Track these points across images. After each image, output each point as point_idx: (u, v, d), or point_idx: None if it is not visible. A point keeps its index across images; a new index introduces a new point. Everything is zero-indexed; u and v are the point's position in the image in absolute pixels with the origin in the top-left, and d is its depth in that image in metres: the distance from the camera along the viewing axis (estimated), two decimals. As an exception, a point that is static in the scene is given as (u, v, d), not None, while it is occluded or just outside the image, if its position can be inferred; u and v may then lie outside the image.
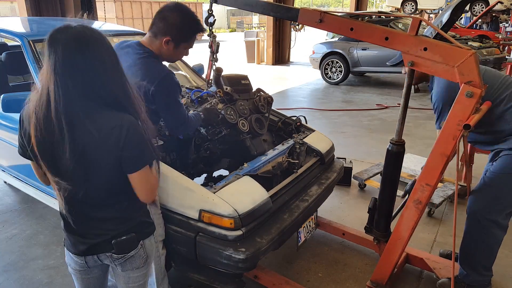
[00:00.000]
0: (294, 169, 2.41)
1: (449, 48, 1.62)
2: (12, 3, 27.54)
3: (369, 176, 3.68)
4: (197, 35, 1.86)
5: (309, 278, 2.47)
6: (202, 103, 2.43)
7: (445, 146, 1.70)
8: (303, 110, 6.77)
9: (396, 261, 2.09)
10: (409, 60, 1.73)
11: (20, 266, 2.61)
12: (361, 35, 1.84)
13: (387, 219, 2.20)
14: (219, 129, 2.27)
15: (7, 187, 3.75)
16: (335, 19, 1.88)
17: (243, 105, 2.47)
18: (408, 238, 1.99)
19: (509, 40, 9.39)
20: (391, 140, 2.02)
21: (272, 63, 12.83)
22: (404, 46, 1.73)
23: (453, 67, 1.61)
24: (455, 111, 1.64)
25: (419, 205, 1.87)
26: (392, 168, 2.07)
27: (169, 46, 1.77)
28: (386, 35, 1.76)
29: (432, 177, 1.79)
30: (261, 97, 2.65)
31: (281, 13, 2.07)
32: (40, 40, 2.74)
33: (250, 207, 1.91)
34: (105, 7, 18.64)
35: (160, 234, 1.92)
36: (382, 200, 2.16)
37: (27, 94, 2.36)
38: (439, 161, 1.74)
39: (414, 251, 2.52)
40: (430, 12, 18.94)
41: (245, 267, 1.84)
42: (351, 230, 2.76)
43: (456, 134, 1.64)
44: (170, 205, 1.96)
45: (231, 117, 2.31)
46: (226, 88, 2.47)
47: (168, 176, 1.98)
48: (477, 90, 1.55)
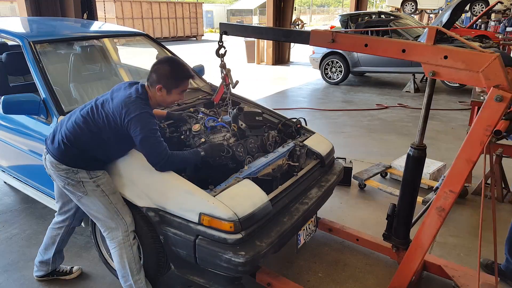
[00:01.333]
0: (294, 172, 2.41)
1: (471, 54, 1.58)
2: (12, 3, 27.52)
3: (369, 176, 3.68)
4: (187, 80, 2.07)
5: (309, 278, 2.48)
6: (214, 133, 2.44)
7: (471, 151, 1.65)
8: (303, 110, 6.77)
9: (416, 269, 2.02)
10: (430, 70, 1.70)
11: (20, 266, 2.61)
12: (377, 50, 1.81)
13: (406, 226, 2.15)
14: (226, 162, 2.29)
15: (7, 187, 3.75)
16: (347, 37, 1.87)
17: (252, 143, 2.51)
18: (428, 246, 1.93)
19: (509, 40, 9.39)
20: (412, 145, 1.98)
21: (272, 63, 12.82)
22: (423, 56, 1.70)
23: (477, 72, 1.56)
24: (483, 115, 1.59)
25: (442, 212, 1.82)
26: (412, 174, 2.01)
27: (162, 93, 1.99)
28: (403, 47, 1.73)
29: (457, 183, 1.73)
30: (269, 135, 2.67)
31: (293, 37, 2.10)
32: (40, 41, 2.74)
33: (250, 210, 1.91)
34: (105, 7, 18.72)
35: (129, 224, 2.08)
36: (402, 206, 2.11)
37: (28, 96, 2.39)
38: (465, 167, 1.69)
39: (431, 257, 2.44)
40: (430, 12, 18.94)
41: (245, 271, 1.84)
42: (366, 236, 2.70)
43: (483, 140, 1.59)
44: (170, 208, 1.96)
45: (240, 154, 2.36)
46: (241, 125, 2.55)
47: (168, 179, 1.99)
48: (507, 94, 1.50)
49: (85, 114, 2.00)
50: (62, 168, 2.01)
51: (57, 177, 2.05)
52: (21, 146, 2.73)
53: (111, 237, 2.09)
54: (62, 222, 2.36)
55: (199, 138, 2.36)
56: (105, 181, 2.06)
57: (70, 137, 1.98)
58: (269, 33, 2.18)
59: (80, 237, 2.92)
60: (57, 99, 2.44)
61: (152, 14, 22.35)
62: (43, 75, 2.49)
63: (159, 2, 22.74)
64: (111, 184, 2.09)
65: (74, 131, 1.98)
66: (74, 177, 2.01)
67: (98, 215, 2.07)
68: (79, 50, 3.32)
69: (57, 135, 2.04)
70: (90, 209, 2.08)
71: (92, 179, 2.02)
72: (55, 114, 2.40)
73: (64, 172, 2.01)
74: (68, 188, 2.05)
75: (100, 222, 2.09)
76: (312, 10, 45.03)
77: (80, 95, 2.91)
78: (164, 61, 2.03)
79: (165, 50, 3.57)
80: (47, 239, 2.39)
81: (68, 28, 3.45)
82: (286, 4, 12.47)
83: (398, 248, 2.24)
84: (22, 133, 2.67)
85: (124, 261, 2.09)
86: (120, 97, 1.95)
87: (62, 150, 1.99)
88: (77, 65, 3.19)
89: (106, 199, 2.04)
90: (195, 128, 2.39)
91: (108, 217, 2.06)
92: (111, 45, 3.72)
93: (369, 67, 8.86)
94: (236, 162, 2.33)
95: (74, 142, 1.98)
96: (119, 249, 2.09)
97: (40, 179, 2.76)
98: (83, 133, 1.97)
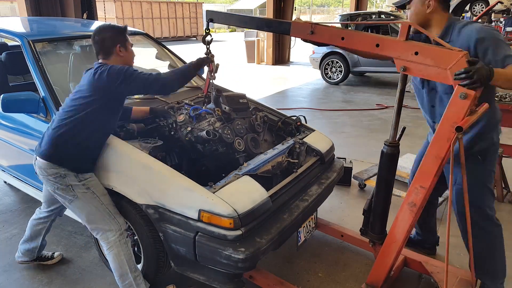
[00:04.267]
0: (294, 169, 2.41)
1: (440, 51, 1.61)
2: (12, 3, 27.55)
3: (369, 176, 3.68)
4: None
5: (309, 278, 2.47)
6: (200, 120, 2.47)
7: (439, 148, 1.69)
8: (303, 110, 6.77)
9: (392, 264, 2.06)
10: (401, 65, 1.73)
11: (20, 266, 2.60)
12: (352, 44, 1.85)
13: (382, 222, 2.17)
14: (215, 146, 2.31)
15: (7, 187, 3.75)
16: (325, 30, 1.89)
17: (240, 125, 2.55)
18: (403, 241, 1.96)
19: (509, 40, 9.39)
20: (385, 142, 2.00)
21: (272, 63, 12.83)
22: (395, 51, 1.73)
23: (445, 69, 1.60)
24: (449, 113, 1.63)
25: (413, 207, 1.85)
26: (386, 170, 2.04)
27: (122, 52, 2.10)
28: (377, 41, 1.76)
29: (427, 179, 1.77)
30: (257, 116, 2.73)
31: (274, 27, 2.11)
32: (40, 40, 2.74)
33: (250, 207, 1.91)
34: (105, 7, 18.72)
35: (122, 223, 2.12)
36: (377, 202, 2.13)
37: (27, 94, 2.39)
38: (434, 164, 1.72)
39: (413, 254, 2.48)
40: (430, 12, 18.92)
41: (245, 267, 1.84)
42: (350, 232, 2.74)
43: (450, 136, 1.62)
44: (169, 205, 1.96)
45: (228, 136, 2.38)
46: (225, 108, 2.56)
47: (167, 176, 1.99)
48: (471, 92, 1.54)
49: (65, 107, 2.04)
50: (50, 172, 2.01)
51: (46, 182, 2.07)
52: (21, 145, 2.73)
53: (105, 238, 2.09)
54: (47, 218, 2.46)
55: (185, 128, 2.37)
56: (94, 183, 2.07)
57: (59, 132, 2.00)
58: (252, 22, 2.20)
59: (80, 237, 2.92)
60: (56, 97, 2.44)
61: (152, 14, 22.38)
62: (42, 74, 2.49)
63: (159, 2, 22.77)
64: (100, 185, 2.10)
65: (60, 125, 2.00)
66: (62, 182, 2.02)
67: (89, 218, 2.08)
68: (79, 50, 3.32)
69: (45, 137, 2.05)
70: (81, 212, 2.08)
71: (81, 182, 2.03)
72: (54, 113, 2.40)
73: (52, 177, 2.02)
74: (58, 193, 2.06)
75: (91, 225, 2.10)
76: (312, 10, 45.04)
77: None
78: (99, 30, 2.09)
79: (165, 50, 3.57)
80: (32, 232, 2.49)
81: (67, 28, 3.45)
82: (286, 4, 12.48)
83: (374, 243, 2.26)
84: (22, 132, 2.68)
85: (122, 259, 2.09)
86: (86, 76, 2.03)
87: (52, 148, 2.00)
88: (77, 64, 3.19)
89: (97, 201, 2.05)
90: (180, 118, 2.40)
91: (100, 219, 2.06)
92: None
93: (369, 67, 8.86)
94: (226, 145, 2.34)
95: (64, 135, 2.00)
96: (115, 248, 2.08)
97: (40, 178, 2.76)
98: (69, 122, 1.99)
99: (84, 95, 1.99)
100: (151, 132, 2.42)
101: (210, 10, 2.33)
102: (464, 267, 2.44)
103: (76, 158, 2.03)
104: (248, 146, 2.45)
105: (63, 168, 2.01)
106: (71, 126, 1.99)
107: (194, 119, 2.46)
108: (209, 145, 2.29)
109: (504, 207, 3.34)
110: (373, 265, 2.13)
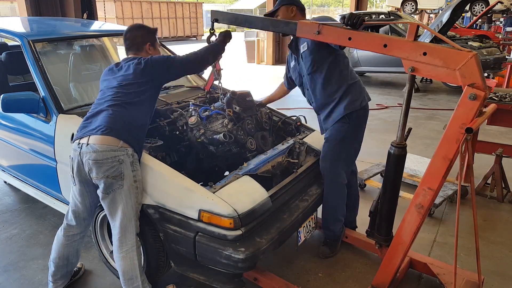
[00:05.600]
0: (294, 169, 2.41)
1: (449, 52, 1.60)
2: (12, 3, 27.55)
3: (369, 176, 3.68)
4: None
5: (309, 278, 2.47)
6: (211, 122, 2.46)
7: (448, 149, 1.67)
8: (303, 110, 6.74)
9: (398, 266, 2.04)
10: (409, 66, 1.71)
11: (20, 266, 2.60)
12: (360, 44, 1.84)
13: (388, 223, 2.16)
14: (229, 147, 2.34)
15: (7, 187, 3.75)
16: (333, 30, 1.88)
17: (250, 124, 2.59)
18: (410, 243, 1.95)
19: (509, 40, 9.39)
20: (392, 143, 1.98)
21: (272, 63, 12.84)
22: (403, 52, 1.72)
23: (454, 70, 1.58)
24: (458, 113, 1.60)
25: (421, 209, 1.83)
26: (393, 171, 2.03)
27: (151, 50, 2.27)
28: (385, 42, 1.75)
29: (435, 181, 1.75)
30: (262, 113, 2.77)
31: (280, 28, 2.11)
32: (40, 40, 2.74)
33: (250, 206, 1.91)
34: (105, 7, 18.70)
35: (137, 226, 2.04)
36: (383, 203, 2.12)
37: (27, 94, 2.39)
38: (442, 165, 1.70)
39: (418, 255, 2.45)
40: (430, 12, 18.94)
41: (245, 267, 1.84)
42: (354, 234, 2.73)
43: (459, 138, 1.60)
44: (170, 205, 1.96)
45: (242, 137, 2.43)
46: (235, 108, 2.57)
47: (167, 176, 1.99)
48: (481, 92, 1.52)
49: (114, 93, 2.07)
50: (108, 155, 1.89)
51: (99, 167, 1.90)
52: (21, 145, 2.73)
53: (124, 240, 1.99)
54: (82, 233, 2.23)
55: (197, 130, 2.36)
56: (141, 179, 2.01)
57: (123, 112, 2.01)
58: (258, 22, 2.20)
59: (80, 236, 2.92)
60: (56, 97, 2.44)
61: (152, 14, 22.38)
62: (42, 74, 2.49)
63: (159, 2, 22.77)
64: (141, 185, 2.02)
65: (122, 107, 2.02)
66: (118, 168, 1.90)
67: (124, 212, 1.95)
68: (79, 50, 3.32)
69: (104, 117, 1.99)
70: (117, 205, 1.95)
71: (133, 173, 1.95)
72: (54, 113, 2.40)
73: (110, 160, 1.90)
74: (105, 181, 1.91)
75: (118, 222, 1.97)
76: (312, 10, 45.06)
77: (79, 94, 2.90)
78: (132, 29, 2.28)
79: (165, 50, 3.57)
80: (69, 253, 2.22)
81: (67, 28, 3.45)
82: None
83: (381, 245, 2.25)
84: (22, 132, 2.68)
85: (135, 263, 2.01)
86: (129, 67, 2.13)
87: (118, 125, 1.96)
88: (77, 64, 3.19)
89: (137, 198, 1.98)
90: (192, 121, 2.38)
91: (129, 218, 1.96)
92: (111, 45, 3.72)
93: (369, 67, 8.84)
94: (239, 145, 2.38)
95: (126, 116, 2.01)
96: (131, 252, 2.00)
97: (40, 178, 2.76)
98: (127, 105, 2.03)
99: (138, 81, 2.08)
100: (151, 132, 2.42)
101: (215, 10, 2.35)
102: (465, 267, 2.43)
103: (135, 136, 1.99)
104: (260, 145, 2.50)
105: (128, 144, 1.94)
106: (131, 109, 2.04)
107: (204, 120, 2.45)
108: (223, 146, 2.29)
109: (504, 207, 3.34)
110: (380, 267, 2.11)
